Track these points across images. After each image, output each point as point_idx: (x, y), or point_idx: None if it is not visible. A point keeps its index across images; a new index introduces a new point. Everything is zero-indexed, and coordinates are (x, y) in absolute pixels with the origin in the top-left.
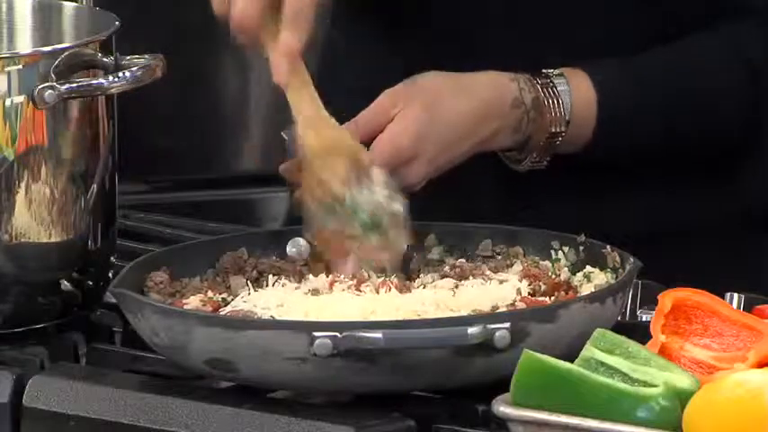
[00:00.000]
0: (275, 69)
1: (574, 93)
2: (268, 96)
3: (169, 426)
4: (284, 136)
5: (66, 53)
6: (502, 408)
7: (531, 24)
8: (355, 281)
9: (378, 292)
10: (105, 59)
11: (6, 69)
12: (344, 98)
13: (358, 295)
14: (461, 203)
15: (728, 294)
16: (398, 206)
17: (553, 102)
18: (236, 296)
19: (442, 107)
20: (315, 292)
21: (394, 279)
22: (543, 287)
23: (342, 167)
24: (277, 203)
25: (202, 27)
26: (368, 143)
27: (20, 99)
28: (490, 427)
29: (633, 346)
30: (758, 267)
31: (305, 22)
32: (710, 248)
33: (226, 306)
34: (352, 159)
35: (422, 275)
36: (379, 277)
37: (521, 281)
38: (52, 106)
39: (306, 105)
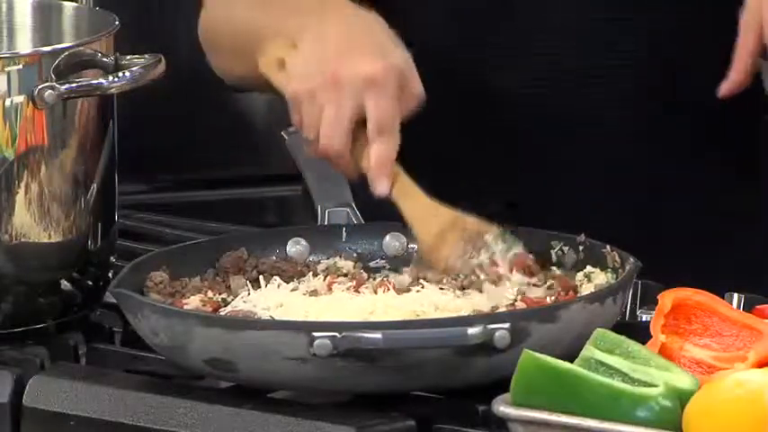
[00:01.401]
0: (376, 183)
1: None
2: (268, 97)
3: (169, 426)
4: (284, 136)
5: (66, 53)
6: (502, 408)
7: None
8: (354, 282)
9: (376, 293)
10: (105, 59)
11: (6, 69)
12: None
13: (357, 296)
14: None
15: (728, 294)
16: (519, 248)
17: None
18: (236, 296)
19: None
20: (314, 292)
21: (392, 280)
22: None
23: (453, 240)
24: (277, 203)
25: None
26: None
27: (20, 99)
28: (490, 427)
29: (633, 346)
30: (758, 267)
31: (392, 131)
32: (710, 248)
33: (226, 306)
34: (466, 233)
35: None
36: (374, 279)
37: (512, 271)
38: (52, 106)
39: (411, 204)
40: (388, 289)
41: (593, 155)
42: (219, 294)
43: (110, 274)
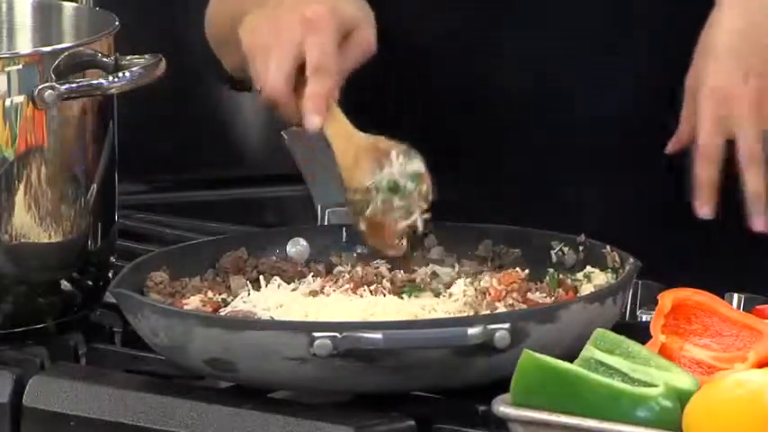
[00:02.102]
0: (307, 118)
1: None
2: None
3: (169, 426)
4: (284, 135)
5: (66, 53)
6: (502, 408)
7: None
8: (352, 284)
9: (376, 295)
10: (105, 59)
11: (6, 69)
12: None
13: (357, 297)
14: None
15: (728, 294)
16: (418, 164)
17: None
18: (236, 296)
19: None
20: (314, 293)
21: (388, 284)
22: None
23: (365, 163)
24: (277, 203)
25: (202, 27)
26: None
27: (20, 99)
28: (490, 427)
29: (633, 346)
30: (758, 267)
31: (329, 70)
32: (711, 248)
33: (226, 306)
34: (372, 151)
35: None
36: (371, 285)
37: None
38: (52, 106)
39: (338, 130)
40: (385, 295)
41: (594, 154)
42: (219, 294)
43: (110, 274)
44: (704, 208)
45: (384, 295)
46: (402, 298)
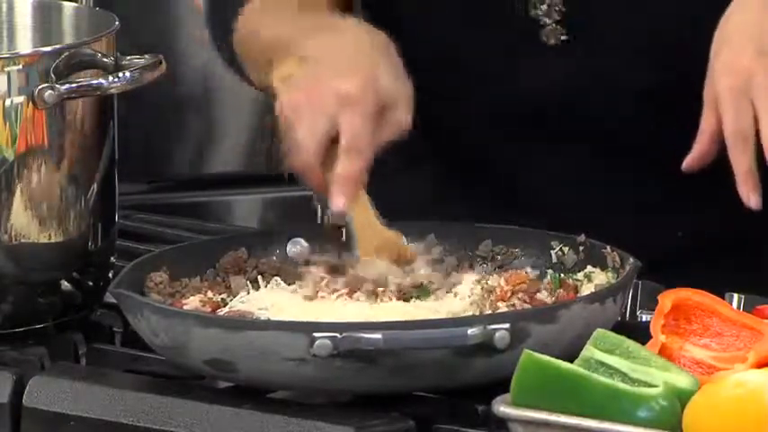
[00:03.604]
0: (334, 198)
1: None
2: (268, 97)
3: (169, 426)
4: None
5: (66, 53)
6: (502, 408)
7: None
8: (347, 289)
9: (381, 299)
10: (105, 59)
11: (6, 69)
12: None
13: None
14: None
15: (728, 294)
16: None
17: None
18: (236, 296)
19: None
20: (313, 296)
21: (393, 288)
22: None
23: (389, 262)
24: (277, 203)
25: (202, 27)
26: None
27: (20, 99)
28: (490, 427)
29: (633, 346)
30: (758, 267)
31: (362, 150)
32: (711, 248)
33: (225, 306)
34: (398, 256)
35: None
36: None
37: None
38: (52, 106)
39: (362, 220)
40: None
41: (595, 155)
42: (219, 295)
43: (110, 274)
44: (752, 197)
45: (390, 299)
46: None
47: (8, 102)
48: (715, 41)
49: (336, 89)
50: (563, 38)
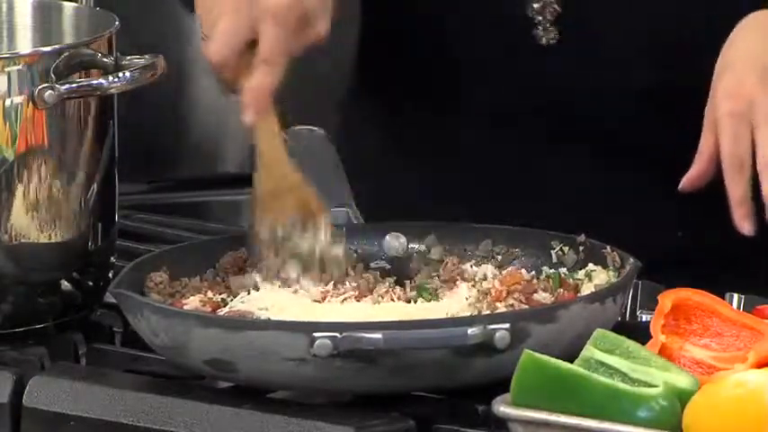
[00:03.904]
0: (245, 109)
1: None
2: None
3: (169, 426)
4: (284, 136)
5: (66, 53)
6: (502, 408)
7: None
8: (357, 292)
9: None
10: (105, 59)
11: (6, 69)
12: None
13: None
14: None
15: (728, 294)
16: (339, 250)
17: None
18: (236, 296)
19: None
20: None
21: (397, 289)
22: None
23: (289, 210)
24: None
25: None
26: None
27: (20, 99)
28: (490, 427)
29: (633, 346)
30: (758, 267)
31: (278, 65)
32: (711, 249)
33: (225, 306)
34: (301, 203)
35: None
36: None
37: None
38: (52, 106)
39: (268, 145)
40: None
41: (594, 155)
42: (219, 294)
43: (110, 274)
44: (745, 225)
45: (393, 300)
46: (411, 302)
47: (8, 102)
48: (718, 66)
49: (262, 1)
50: (557, 37)
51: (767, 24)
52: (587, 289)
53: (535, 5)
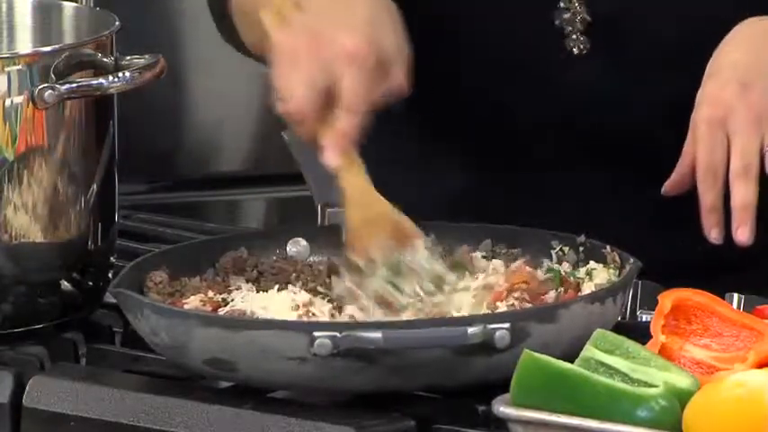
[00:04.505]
0: (328, 152)
1: None
2: (268, 97)
3: (169, 426)
4: (284, 135)
5: (66, 53)
6: (502, 408)
7: None
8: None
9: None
10: (105, 59)
11: (6, 69)
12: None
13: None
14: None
15: (728, 294)
16: (442, 268)
17: None
18: (236, 296)
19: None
20: (312, 290)
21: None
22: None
23: (379, 233)
24: (277, 203)
25: (202, 27)
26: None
27: (20, 99)
28: (490, 427)
29: (633, 346)
30: (758, 267)
31: (359, 111)
32: (711, 249)
33: (225, 306)
34: (394, 230)
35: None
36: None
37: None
38: (52, 106)
39: (352, 181)
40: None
41: (595, 155)
42: (219, 294)
43: (110, 274)
44: (713, 233)
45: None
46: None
47: (8, 102)
48: (705, 73)
49: (342, 44)
50: (588, 47)
51: (755, 34)
52: (588, 288)
53: (565, 16)
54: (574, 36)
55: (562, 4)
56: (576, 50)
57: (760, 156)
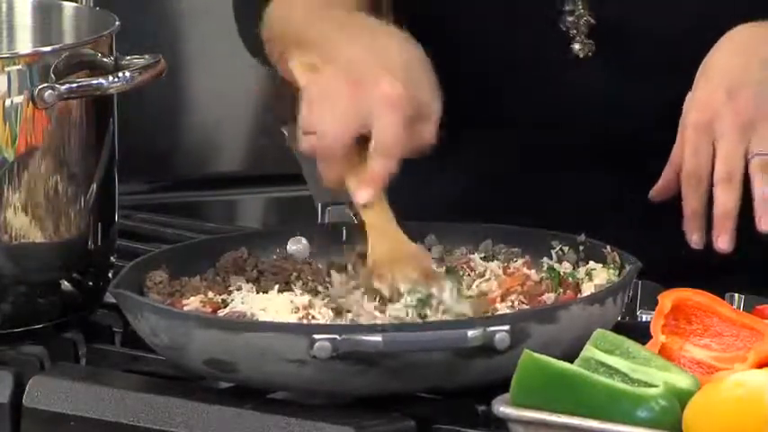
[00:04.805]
0: (360, 191)
1: None
2: (268, 97)
3: (169, 426)
4: (284, 132)
5: (66, 53)
6: (502, 408)
7: None
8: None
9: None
10: (105, 59)
11: (6, 69)
12: None
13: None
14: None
15: (728, 294)
16: (467, 308)
17: None
18: (236, 297)
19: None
20: (312, 291)
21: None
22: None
23: (411, 272)
24: (277, 203)
25: (202, 27)
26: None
27: (20, 99)
28: (490, 427)
29: (633, 346)
30: (758, 267)
31: (393, 157)
32: (711, 249)
33: (225, 307)
34: (420, 269)
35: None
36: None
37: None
38: (52, 106)
39: (379, 219)
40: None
41: (597, 156)
42: (219, 295)
43: (110, 274)
44: (693, 238)
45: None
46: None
47: (8, 102)
48: (696, 78)
49: (382, 88)
50: (593, 49)
51: (745, 40)
52: (588, 288)
53: (569, 19)
54: (578, 39)
55: (566, 8)
56: (580, 53)
57: (744, 162)
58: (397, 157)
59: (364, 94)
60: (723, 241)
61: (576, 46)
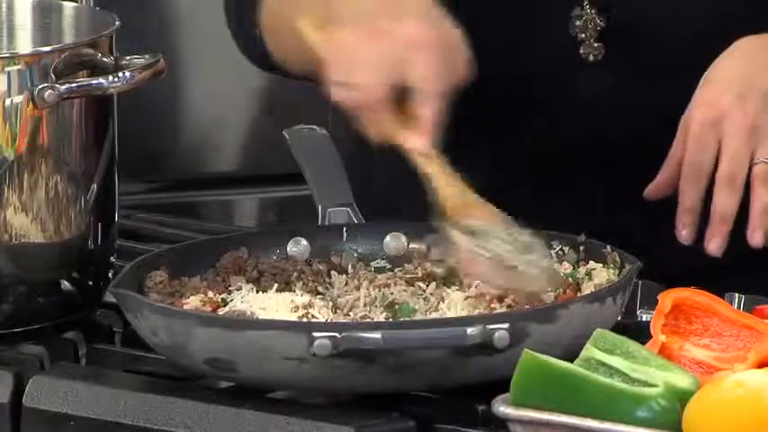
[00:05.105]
0: (415, 140)
1: None
2: (268, 97)
3: (169, 426)
4: (285, 134)
5: (66, 53)
6: (502, 408)
7: None
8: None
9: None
10: (105, 59)
11: (6, 69)
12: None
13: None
14: None
15: (728, 294)
16: (550, 262)
17: None
18: (236, 296)
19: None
20: (312, 291)
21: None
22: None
23: (480, 217)
24: (277, 203)
25: (202, 27)
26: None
27: (20, 99)
28: (490, 427)
29: (633, 346)
30: (758, 267)
31: (439, 93)
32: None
33: (225, 306)
34: (488, 214)
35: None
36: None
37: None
38: (52, 106)
39: (439, 169)
40: None
41: (596, 154)
42: (219, 294)
43: (110, 274)
44: (682, 232)
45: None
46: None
47: (8, 102)
48: (700, 83)
49: (406, 31)
50: (603, 52)
51: (753, 49)
52: (588, 288)
53: (579, 23)
54: (588, 43)
55: (576, 12)
56: (590, 57)
57: (748, 166)
58: (442, 95)
59: (389, 40)
60: (715, 244)
61: (586, 50)
